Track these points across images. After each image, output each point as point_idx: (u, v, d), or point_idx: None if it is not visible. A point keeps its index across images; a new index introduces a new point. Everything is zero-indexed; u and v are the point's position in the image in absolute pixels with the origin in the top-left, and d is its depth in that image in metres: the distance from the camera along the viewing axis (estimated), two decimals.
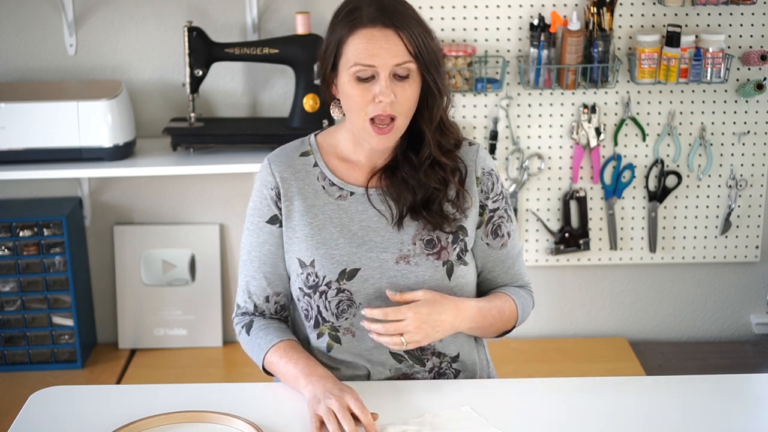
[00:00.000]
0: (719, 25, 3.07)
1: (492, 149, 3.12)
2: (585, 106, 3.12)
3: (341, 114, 1.91)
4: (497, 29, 3.09)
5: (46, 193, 3.20)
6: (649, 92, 3.13)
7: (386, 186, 1.92)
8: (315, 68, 2.94)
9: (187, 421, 1.77)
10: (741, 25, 3.08)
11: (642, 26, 3.08)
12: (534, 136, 3.16)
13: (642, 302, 3.34)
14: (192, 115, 3.01)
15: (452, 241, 1.91)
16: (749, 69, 3.11)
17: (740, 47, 3.10)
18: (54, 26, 3.08)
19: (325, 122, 2.97)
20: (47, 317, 3.13)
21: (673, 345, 3.33)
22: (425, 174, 1.89)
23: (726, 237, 3.24)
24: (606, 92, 3.13)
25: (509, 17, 3.08)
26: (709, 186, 3.20)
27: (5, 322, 3.13)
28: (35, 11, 3.07)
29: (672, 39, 2.99)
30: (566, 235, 3.20)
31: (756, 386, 1.92)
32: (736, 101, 3.14)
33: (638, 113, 3.14)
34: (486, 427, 1.74)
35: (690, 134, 3.16)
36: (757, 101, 3.14)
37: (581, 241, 3.21)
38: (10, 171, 2.89)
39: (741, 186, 3.18)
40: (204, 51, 2.95)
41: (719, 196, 3.21)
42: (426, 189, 1.90)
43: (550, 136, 3.16)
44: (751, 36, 3.10)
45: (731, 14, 3.07)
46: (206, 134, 3.01)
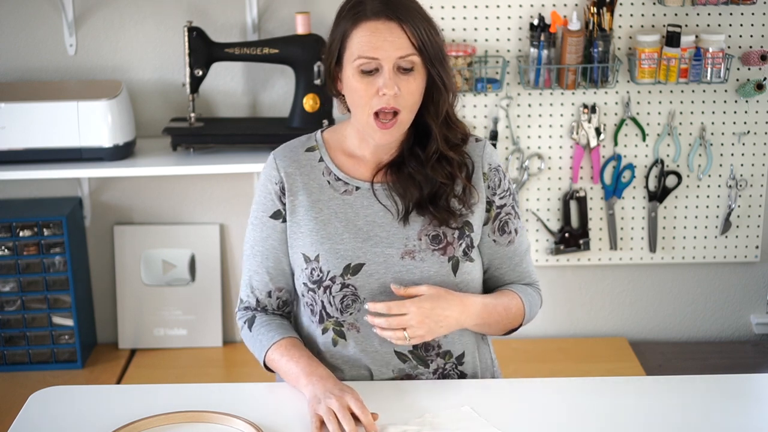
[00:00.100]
0: (719, 25, 3.07)
1: None
2: (585, 106, 3.12)
3: (347, 110, 1.91)
4: (497, 29, 3.09)
5: (46, 193, 3.20)
6: (649, 92, 3.13)
7: (392, 181, 1.92)
8: (315, 68, 2.95)
9: (187, 421, 1.77)
10: (741, 25, 3.08)
11: (642, 26, 3.08)
12: (534, 136, 3.16)
13: (642, 302, 3.34)
14: (192, 115, 3.01)
15: (458, 237, 1.90)
16: (749, 69, 3.11)
17: (740, 47, 3.10)
18: (54, 26, 3.08)
19: (325, 122, 2.97)
20: (47, 317, 3.13)
21: (673, 345, 3.33)
22: (432, 169, 1.89)
23: (726, 237, 3.24)
24: (606, 92, 3.13)
25: (509, 17, 3.08)
26: (709, 186, 3.20)
27: (5, 322, 3.13)
28: (35, 11, 3.07)
29: (672, 39, 2.99)
30: (566, 235, 3.20)
31: (756, 386, 1.92)
32: (736, 101, 3.14)
33: (638, 113, 3.14)
34: (486, 427, 1.74)
35: (690, 134, 3.16)
36: (757, 101, 3.14)
37: (581, 241, 3.21)
38: (10, 171, 2.89)
39: (741, 186, 3.18)
40: (204, 51, 2.95)
41: (719, 196, 3.21)
42: (433, 184, 1.89)
43: (550, 136, 3.16)
44: (751, 36, 3.10)
45: (731, 14, 3.07)
46: (206, 134, 3.01)
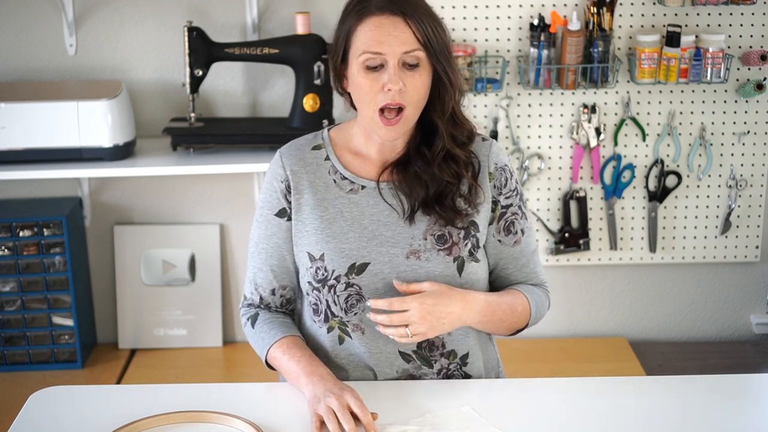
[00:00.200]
0: (719, 25, 3.07)
1: None
2: (585, 106, 3.12)
3: (353, 108, 1.91)
4: (497, 29, 3.09)
5: (46, 193, 3.20)
6: (649, 92, 3.13)
7: (398, 180, 1.91)
8: (315, 68, 2.95)
9: (187, 421, 1.77)
10: (741, 25, 3.08)
11: (642, 26, 3.08)
12: (534, 136, 3.16)
13: (642, 302, 3.34)
14: (192, 115, 3.01)
15: (464, 237, 1.90)
16: (749, 69, 3.11)
17: (740, 47, 3.10)
18: (54, 26, 3.08)
19: (325, 122, 2.97)
20: (47, 317, 3.13)
21: (673, 345, 3.33)
22: (438, 167, 1.88)
23: (726, 237, 3.24)
24: (606, 92, 3.13)
25: (509, 17, 3.08)
26: (709, 186, 3.20)
27: (5, 322, 3.13)
28: (35, 11, 3.07)
29: (672, 39, 2.99)
30: (566, 235, 3.20)
31: (756, 386, 1.92)
32: (736, 101, 3.14)
33: (638, 113, 3.14)
34: (486, 427, 1.74)
35: (690, 134, 3.16)
36: (757, 101, 3.14)
37: (581, 241, 3.21)
38: (10, 171, 2.89)
39: (741, 186, 3.18)
40: (204, 51, 2.95)
41: (719, 196, 3.21)
42: (439, 183, 1.88)
43: (550, 136, 3.16)
44: (751, 36, 3.10)
45: (731, 14, 3.07)
46: (206, 134, 3.01)
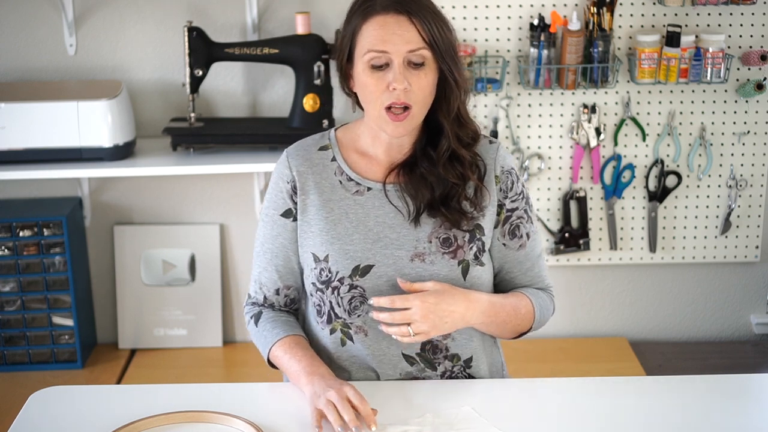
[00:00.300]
0: (719, 25, 3.07)
1: None
2: (585, 106, 3.12)
3: (359, 108, 1.90)
4: (497, 29, 3.09)
5: (46, 193, 3.20)
6: (649, 92, 3.13)
7: (404, 182, 1.91)
8: (315, 68, 2.94)
9: (187, 421, 1.77)
10: (741, 25, 3.08)
11: (642, 26, 3.08)
12: (534, 136, 3.16)
13: (642, 302, 3.34)
14: (192, 115, 3.01)
15: (469, 240, 1.89)
16: (749, 69, 3.11)
17: (740, 47, 3.10)
18: (54, 26, 3.08)
19: (325, 122, 2.97)
20: (47, 317, 3.13)
21: (673, 345, 3.33)
22: (444, 168, 1.87)
23: (726, 237, 3.24)
24: (606, 92, 3.13)
25: (509, 17, 3.08)
26: (709, 186, 3.20)
27: (5, 322, 3.13)
28: (35, 11, 3.07)
29: (672, 39, 2.99)
30: (566, 235, 3.20)
31: (756, 386, 1.92)
32: (736, 101, 3.14)
33: (638, 113, 3.14)
34: (486, 427, 1.74)
35: (690, 134, 3.16)
36: (757, 101, 3.14)
37: (581, 241, 3.21)
38: (10, 171, 2.89)
39: (741, 186, 3.18)
40: (204, 51, 2.95)
41: (719, 196, 3.21)
42: (444, 185, 1.88)
43: (550, 136, 3.16)
44: (751, 36, 3.10)
45: (731, 14, 3.07)
46: (206, 134, 3.01)
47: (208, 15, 3.08)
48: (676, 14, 3.06)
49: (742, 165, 3.18)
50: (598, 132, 3.13)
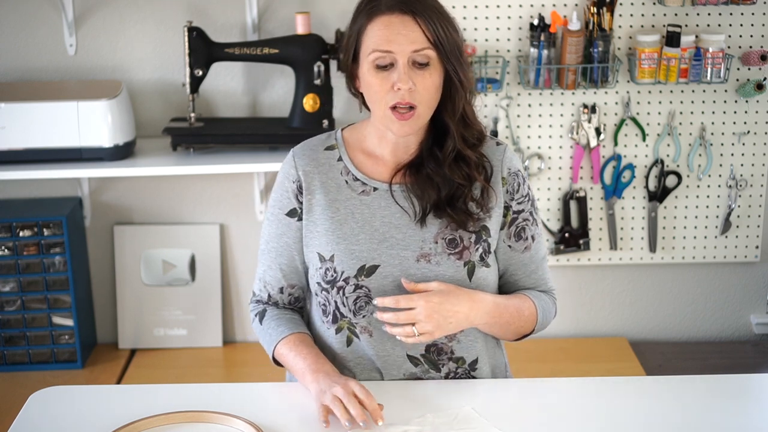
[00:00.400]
0: (719, 25, 3.07)
1: None
2: (585, 106, 3.12)
3: (365, 108, 1.90)
4: (497, 29, 3.09)
5: (46, 193, 3.20)
6: (649, 92, 3.13)
7: (410, 182, 1.90)
8: (315, 68, 2.94)
9: (187, 421, 1.77)
10: (741, 25, 3.08)
11: (642, 26, 3.08)
12: (534, 136, 3.16)
13: (642, 302, 3.34)
14: (192, 115, 3.01)
15: (475, 241, 1.89)
16: (749, 69, 3.11)
17: (740, 47, 3.10)
18: (54, 26, 3.08)
19: (325, 122, 2.97)
20: (47, 317, 3.13)
21: (673, 345, 3.33)
22: (450, 169, 1.87)
23: (726, 237, 3.24)
24: (606, 92, 3.13)
25: (509, 17, 3.08)
26: (709, 186, 3.20)
27: (5, 322, 3.13)
28: (35, 11, 3.07)
29: (672, 39, 2.99)
30: (566, 235, 3.20)
31: (756, 386, 1.92)
32: (736, 101, 3.14)
33: (638, 113, 3.14)
34: (486, 428, 1.74)
35: (690, 134, 3.16)
36: (757, 101, 3.14)
37: (581, 241, 3.21)
38: (10, 171, 2.89)
39: (741, 186, 3.18)
40: (204, 51, 2.95)
41: (719, 196, 3.21)
42: (451, 185, 1.87)
43: (550, 136, 3.16)
44: (751, 36, 3.10)
45: (731, 14, 3.07)
46: (206, 134, 3.01)
47: (208, 15, 3.08)
48: (676, 14, 3.06)
49: (742, 165, 3.18)
50: (598, 132, 3.13)
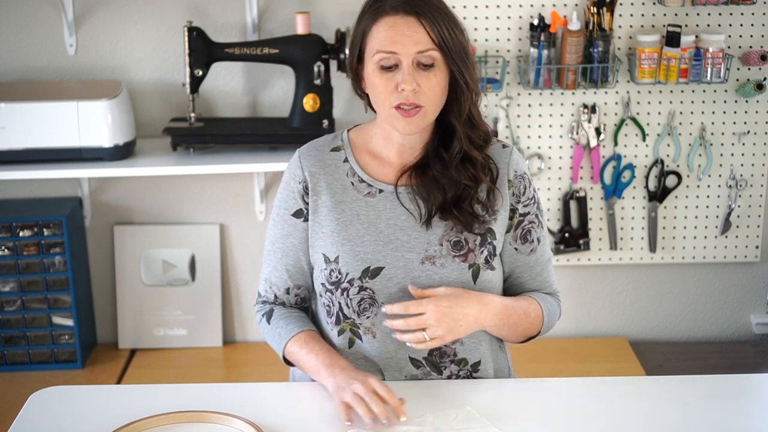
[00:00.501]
0: (719, 25, 3.07)
1: None
2: (585, 106, 3.12)
3: (371, 109, 1.90)
4: (497, 29, 3.09)
5: (46, 193, 3.20)
6: (649, 92, 3.13)
7: (416, 184, 1.90)
8: (315, 68, 2.94)
9: (187, 421, 1.77)
10: (741, 25, 3.08)
11: (642, 26, 3.08)
12: (534, 136, 3.16)
13: (642, 302, 3.34)
14: (192, 115, 3.01)
15: (480, 244, 1.89)
16: (749, 69, 3.11)
17: (740, 47, 3.10)
18: (54, 26, 3.08)
19: (325, 122, 2.97)
20: (47, 317, 3.13)
21: (673, 345, 3.33)
22: (456, 170, 1.87)
23: (726, 237, 3.24)
24: (606, 92, 3.13)
25: (509, 17, 3.08)
26: (709, 186, 3.20)
27: (5, 322, 3.13)
28: (35, 11, 3.07)
29: (672, 39, 2.99)
30: (566, 235, 3.20)
31: (756, 386, 1.92)
32: (736, 101, 3.14)
33: (638, 113, 3.14)
34: (486, 428, 1.74)
35: (690, 134, 3.16)
36: (757, 101, 3.14)
37: (581, 241, 3.21)
38: (10, 171, 2.89)
39: (741, 186, 3.18)
40: (204, 51, 2.95)
41: (719, 196, 3.21)
42: (457, 187, 1.87)
43: (550, 136, 3.16)
44: (751, 36, 3.10)
45: (731, 14, 3.07)
46: (206, 134, 3.01)
47: (208, 15, 3.08)
48: (676, 14, 3.06)
49: (742, 165, 3.18)
50: (598, 132, 3.13)
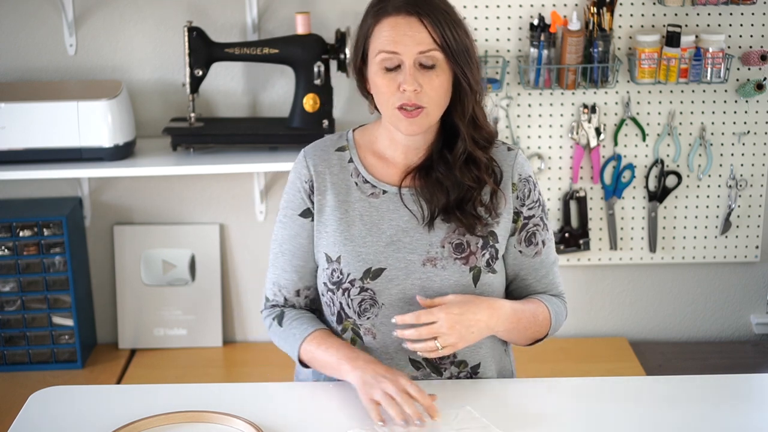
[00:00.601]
0: (719, 25, 3.07)
1: None
2: (585, 106, 3.12)
3: (376, 110, 1.90)
4: (497, 29, 3.09)
5: (46, 193, 3.20)
6: (649, 92, 3.13)
7: (419, 186, 1.90)
8: (315, 68, 2.94)
9: (187, 421, 1.77)
10: (741, 25, 3.08)
11: (642, 26, 3.08)
12: (534, 136, 3.16)
13: (642, 302, 3.34)
14: (192, 115, 3.01)
15: (482, 247, 1.89)
16: (749, 69, 3.11)
17: (740, 47, 3.10)
18: (54, 26, 3.08)
19: (325, 122, 2.97)
20: (47, 317, 3.13)
21: (673, 345, 3.33)
22: (460, 171, 1.87)
23: (726, 237, 3.24)
24: (606, 92, 3.12)
25: (509, 17, 3.08)
26: (709, 186, 3.20)
27: (5, 322, 3.13)
28: (35, 11, 3.07)
29: (672, 39, 2.99)
30: (566, 235, 3.20)
31: (756, 386, 1.92)
32: (736, 101, 3.14)
33: (638, 113, 3.14)
34: (486, 428, 1.74)
35: (690, 134, 3.16)
36: (757, 101, 3.14)
37: (581, 241, 3.21)
38: (10, 171, 2.89)
39: (741, 186, 3.18)
40: (204, 51, 2.95)
41: (719, 196, 3.21)
42: (460, 189, 1.87)
43: (550, 136, 3.16)
44: (751, 36, 3.10)
45: (731, 14, 3.07)
46: (206, 134, 3.01)
47: (208, 15, 3.08)
48: (676, 14, 3.06)
49: (742, 165, 3.18)
50: (598, 132, 3.13)
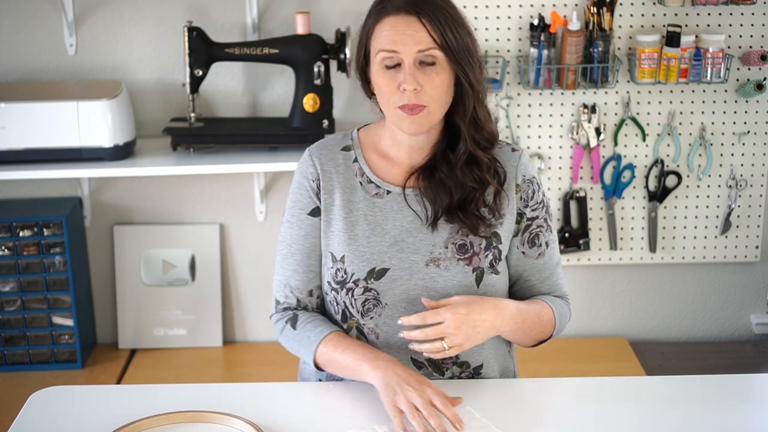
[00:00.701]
0: (719, 25, 3.07)
1: None
2: (585, 106, 3.12)
3: (379, 110, 1.90)
4: (497, 29, 3.09)
5: (46, 193, 3.20)
6: (649, 92, 3.13)
7: (423, 186, 1.90)
8: (315, 68, 2.95)
9: (187, 421, 1.77)
10: (741, 25, 3.08)
11: (642, 26, 3.08)
12: (534, 136, 3.16)
13: (642, 302, 3.34)
14: (192, 115, 3.01)
15: (485, 248, 1.89)
16: (749, 69, 3.11)
17: (740, 47, 3.10)
18: (54, 26, 3.08)
19: (325, 122, 2.97)
20: (47, 317, 3.13)
21: (673, 345, 3.33)
22: (462, 172, 1.87)
23: (726, 237, 3.24)
24: (606, 92, 3.13)
25: (509, 17, 3.08)
26: (709, 186, 3.20)
27: (5, 322, 3.13)
28: (35, 11, 3.07)
29: (672, 39, 2.99)
30: (566, 235, 3.20)
31: (756, 386, 1.92)
32: (736, 101, 3.14)
33: (638, 113, 3.14)
34: (486, 427, 1.74)
35: (690, 134, 3.16)
36: (757, 101, 3.14)
37: (581, 241, 3.21)
38: (10, 171, 2.89)
39: (741, 186, 3.18)
40: (204, 51, 2.95)
41: (719, 196, 3.21)
42: (463, 190, 1.87)
43: (550, 136, 3.16)
44: (751, 36, 3.10)
45: (731, 14, 3.07)
46: (206, 134, 3.01)
47: (208, 15, 3.08)
48: (676, 14, 3.06)
49: (742, 165, 3.18)
50: (598, 132, 3.13)
